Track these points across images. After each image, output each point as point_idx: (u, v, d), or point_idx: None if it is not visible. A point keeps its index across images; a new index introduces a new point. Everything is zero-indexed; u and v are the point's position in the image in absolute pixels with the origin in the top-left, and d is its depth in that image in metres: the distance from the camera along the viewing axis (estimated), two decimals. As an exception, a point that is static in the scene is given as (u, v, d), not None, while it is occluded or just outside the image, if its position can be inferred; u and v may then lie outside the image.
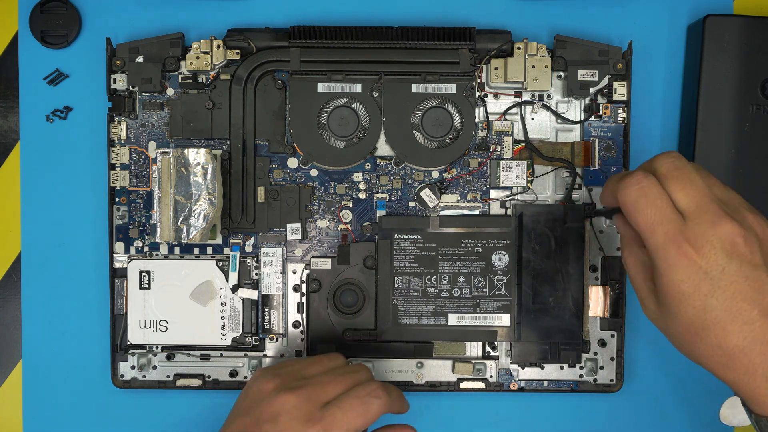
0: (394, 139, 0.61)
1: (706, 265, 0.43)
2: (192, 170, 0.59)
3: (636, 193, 0.45)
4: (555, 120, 0.62)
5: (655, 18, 0.64)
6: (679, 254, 0.43)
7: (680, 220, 0.44)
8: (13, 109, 0.64)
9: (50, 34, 0.63)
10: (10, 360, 0.64)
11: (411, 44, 0.60)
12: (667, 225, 0.44)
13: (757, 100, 0.60)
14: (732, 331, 0.43)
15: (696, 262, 0.43)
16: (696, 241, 0.43)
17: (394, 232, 0.61)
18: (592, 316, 0.62)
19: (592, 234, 0.62)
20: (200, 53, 0.60)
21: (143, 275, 0.61)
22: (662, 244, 0.44)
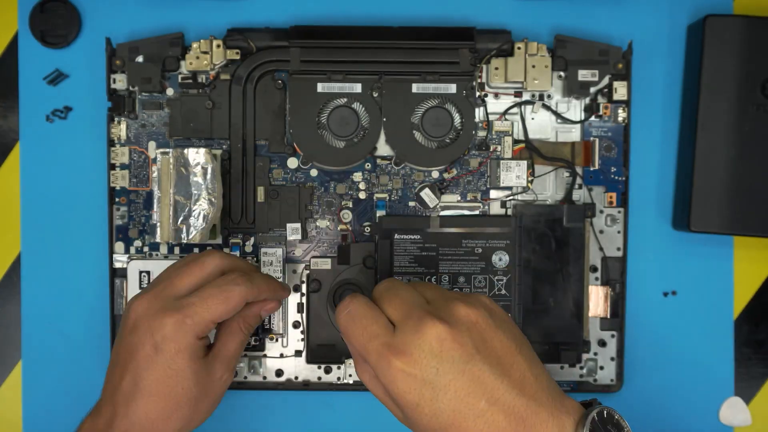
0: (394, 139, 0.61)
1: (420, 372, 0.43)
2: (192, 170, 0.59)
3: (345, 318, 0.47)
4: (555, 120, 0.62)
5: (655, 18, 0.64)
6: (392, 368, 0.43)
7: (388, 334, 0.44)
8: (13, 109, 0.64)
9: (50, 34, 0.63)
10: (10, 360, 0.64)
11: (411, 44, 0.60)
12: (375, 341, 0.44)
13: (757, 100, 0.60)
14: (468, 428, 0.43)
15: (410, 372, 0.43)
16: (405, 349, 0.43)
17: (394, 232, 0.61)
18: (592, 316, 0.62)
19: (592, 234, 0.62)
20: (200, 53, 0.60)
21: (143, 275, 0.61)
22: (376, 361, 0.44)
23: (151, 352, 0.49)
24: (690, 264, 0.64)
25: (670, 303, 0.64)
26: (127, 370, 0.50)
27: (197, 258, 0.53)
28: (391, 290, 0.48)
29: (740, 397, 0.64)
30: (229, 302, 0.50)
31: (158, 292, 0.51)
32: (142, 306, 0.51)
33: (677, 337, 0.64)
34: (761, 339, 0.64)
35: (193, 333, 0.50)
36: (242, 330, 0.54)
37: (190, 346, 0.50)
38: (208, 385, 0.51)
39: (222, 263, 0.53)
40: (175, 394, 0.50)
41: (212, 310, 0.50)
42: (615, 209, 0.62)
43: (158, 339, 0.49)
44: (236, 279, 0.51)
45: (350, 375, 0.62)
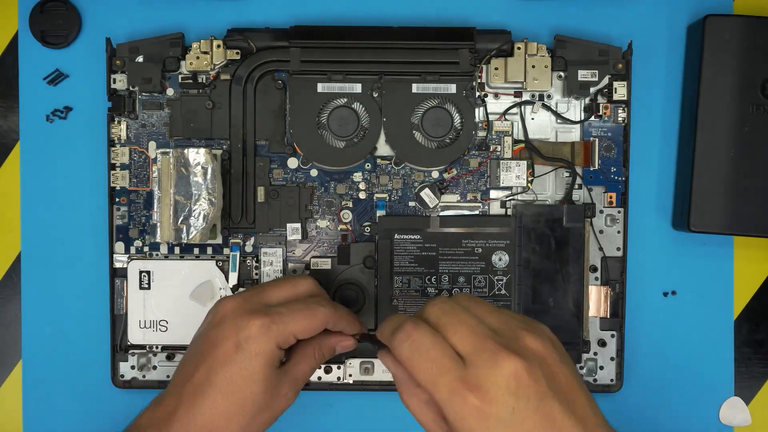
0: (394, 139, 0.61)
1: (496, 410, 0.41)
2: (192, 170, 0.59)
3: (409, 349, 0.43)
4: (555, 120, 0.62)
5: (655, 18, 0.64)
6: (466, 405, 0.41)
7: (460, 367, 0.42)
8: (13, 109, 0.64)
9: (50, 34, 0.63)
10: (10, 360, 0.64)
11: (411, 44, 0.60)
12: (446, 376, 0.42)
13: (757, 100, 0.60)
14: None
15: (484, 410, 0.41)
16: (480, 387, 0.41)
17: (394, 232, 0.61)
18: (592, 316, 0.62)
19: (591, 234, 0.62)
20: (200, 53, 0.60)
21: (143, 275, 0.61)
22: (447, 398, 0.41)
23: (232, 349, 0.50)
24: (690, 264, 0.64)
25: (670, 303, 0.64)
26: (203, 362, 0.50)
27: (293, 277, 0.55)
28: (452, 316, 0.44)
29: (740, 397, 0.64)
30: (313, 319, 0.52)
31: (250, 296, 0.52)
32: (232, 304, 0.52)
33: (677, 337, 0.64)
34: (761, 339, 0.64)
35: (275, 340, 0.50)
36: (315, 356, 0.54)
37: (270, 352, 0.50)
38: (273, 398, 0.52)
39: (313, 288, 0.55)
40: (243, 396, 0.50)
41: (297, 323, 0.51)
42: (615, 209, 0.62)
43: (242, 338, 0.50)
44: (322, 301, 0.53)
45: (350, 375, 0.62)
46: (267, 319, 0.50)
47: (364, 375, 0.61)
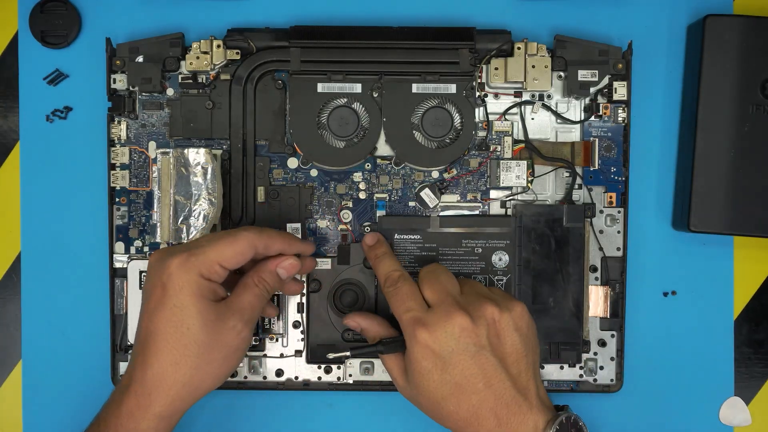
0: (394, 139, 0.61)
1: (439, 347, 0.51)
2: (192, 170, 0.59)
3: (390, 291, 0.55)
4: (555, 120, 0.62)
5: (655, 18, 0.64)
6: (417, 338, 0.52)
7: (422, 310, 0.53)
8: (13, 109, 0.64)
9: (50, 34, 0.63)
10: (10, 360, 0.64)
11: (411, 44, 0.60)
12: (409, 314, 0.53)
13: (757, 100, 0.60)
14: (463, 400, 0.51)
15: (429, 345, 0.51)
16: (432, 327, 0.52)
17: (394, 232, 0.61)
18: (592, 316, 0.62)
19: (591, 234, 0.62)
20: (200, 53, 0.60)
21: (143, 275, 0.61)
22: (407, 326, 0.53)
23: (160, 293, 0.51)
24: (690, 264, 0.64)
25: (670, 303, 0.64)
26: (142, 319, 0.52)
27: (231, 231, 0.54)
28: (433, 274, 0.55)
29: (740, 397, 0.64)
30: (235, 243, 0.52)
31: (176, 245, 0.54)
32: (158, 253, 0.53)
33: (677, 337, 0.64)
34: (761, 339, 0.64)
35: (196, 270, 0.51)
36: (256, 284, 0.54)
37: (194, 283, 0.50)
38: (219, 333, 0.51)
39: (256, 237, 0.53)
40: (181, 334, 0.50)
41: (217, 250, 0.51)
42: (615, 209, 0.62)
43: (165, 278, 0.51)
44: (246, 227, 0.54)
45: (350, 375, 0.61)
46: (186, 253, 0.51)
47: (364, 375, 0.61)
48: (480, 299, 0.53)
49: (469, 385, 0.51)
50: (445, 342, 0.51)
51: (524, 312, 0.54)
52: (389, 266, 0.57)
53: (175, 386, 0.51)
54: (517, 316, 0.53)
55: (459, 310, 0.52)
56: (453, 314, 0.52)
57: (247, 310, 0.53)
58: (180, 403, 0.52)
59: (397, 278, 0.55)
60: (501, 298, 0.54)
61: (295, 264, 0.55)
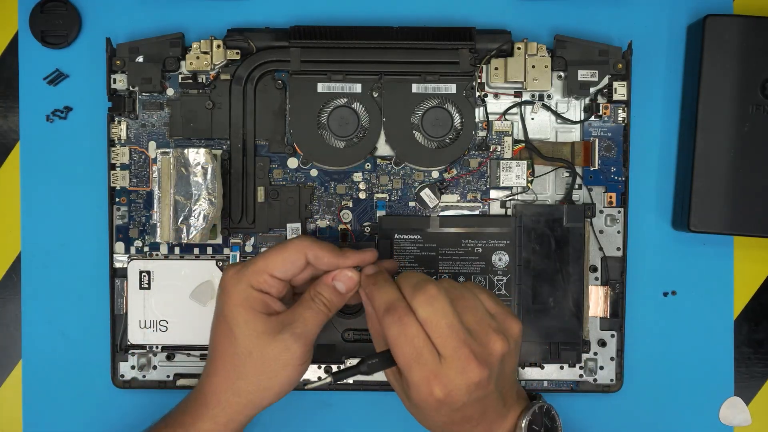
0: (394, 139, 0.61)
1: (451, 401, 0.48)
2: (192, 170, 0.59)
3: (396, 331, 0.48)
4: (555, 120, 0.62)
5: (655, 18, 0.64)
6: (431, 395, 0.48)
7: (435, 361, 0.48)
8: (13, 109, 0.64)
9: (50, 34, 0.63)
10: (10, 360, 0.64)
11: (411, 44, 0.60)
12: (423, 367, 0.48)
13: (757, 100, 0.60)
14: (458, 426, 0.51)
15: (443, 401, 0.48)
16: (448, 386, 0.48)
17: (394, 232, 0.61)
18: (592, 316, 0.62)
19: (591, 234, 0.62)
20: (200, 53, 0.60)
21: (143, 275, 0.61)
22: (416, 382, 0.48)
23: (218, 305, 0.52)
24: (690, 264, 0.64)
25: (670, 303, 0.64)
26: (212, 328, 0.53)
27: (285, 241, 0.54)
28: (437, 310, 0.48)
29: (740, 397, 0.64)
30: (284, 255, 0.51)
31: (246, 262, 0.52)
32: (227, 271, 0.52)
33: (677, 337, 0.64)
34: (761, 339, 0.64)
35: (246, 280, 0.50)
36: (312, 299, 0.52)
37: (243, 293, 0.50)
38: (268, 346, 0.50)
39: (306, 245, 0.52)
40: (230, 344, 0.50)
41: (268, 260, 0.51)
42: (615, 209, 0.62)
43: (220, 290, 0.52)
44: (300, 238, 0.53)
45: (350, 375, 0.62)
46: (239, 265, 0.52)
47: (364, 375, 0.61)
48: (488, 334, 0.49)
49: (469, 418, 0.51)
50: (458, 397, 0.48)
51: (521, 331, 0.52)
52: (392, 294, 0.50)
53: (227, 396, 0.51)
54: (518, 339, 0.51)
55: (475, 364, 0.48)
56: (469, 370, 0.48)
57: (299, 324, 0.51)
58: (235, 414, 0.51)
59: (403, 312, 0.49)
60: (502, 321, 0.51)
61: (353, 277, 0.52)
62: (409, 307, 0.49)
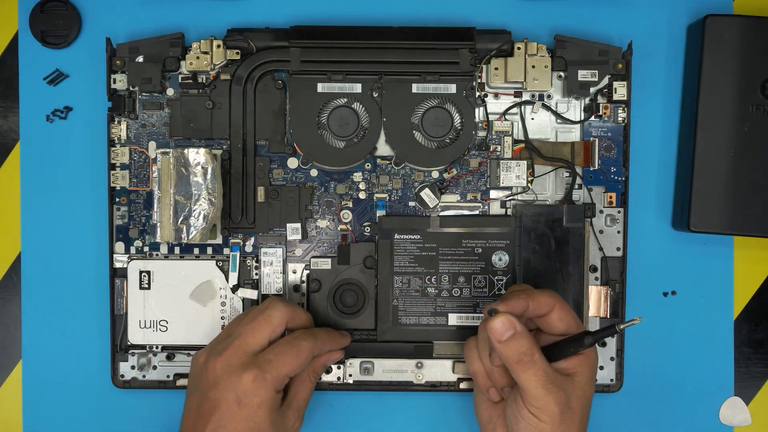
0: (394, 139, 0.61)
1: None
2: (192, 170, 0.59)
3: (531, 370, 0.51)
4: (555, 120, 0.62)
5: (655, 18, 0.64)
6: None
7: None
8: (13, 109, 0.64)
9: (50, 34, 0.63)
10: (10, 360, 0.64)
11: (411, 44, 0.60)
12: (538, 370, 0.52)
13: (757, 100, 0.60)
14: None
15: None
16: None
17: (394, 232, 0.61)
18: (592, 316, 0.62)
19: (591, 234, 0.62)
20: (200, 53, 0.60)
21: (143, 275, 0.61)
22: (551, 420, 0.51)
23: (234, 406, 0.53)
24: (690, 264, 0.64)
25: (670, 303, 0.64)
26: (209, 422, 0.53)
27: (263, 311, 0.56)
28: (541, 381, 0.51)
29: (740, 397, 0.64)
30: (300, 357, 0.55)
31: (235, 349, 0.54)
32: (221, 364, 0.54)
33: (677, 337, 0.64)
34: (761, 339, 0.64)
35: (272, 387, 0.53)
36: (311, 380, 0.58)
37: (270, 400, 0.53)
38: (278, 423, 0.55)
39: (286, 314, 0.56)
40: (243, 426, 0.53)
41: (287, 365, 0.54)
42: (615, 209, 0.62)
43: (240, 394, 0.53)
44: (302, 335, 0.56)
45: (350, 375, 0.62)
46: (258, 370, 0.53)
47: (364, 375, 0.61)
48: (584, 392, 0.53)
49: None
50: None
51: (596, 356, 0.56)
52: (527, 344, 0.52)
53: None
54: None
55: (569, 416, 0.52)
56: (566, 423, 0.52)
57: (303, 406, 0.58)
58: None
59: (537, 357, 0.52)
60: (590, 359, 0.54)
61: (341, 355, 0.60)
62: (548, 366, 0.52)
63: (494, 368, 0.54)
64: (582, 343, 0.52)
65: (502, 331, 0.51)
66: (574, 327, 0.54)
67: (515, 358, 0.51)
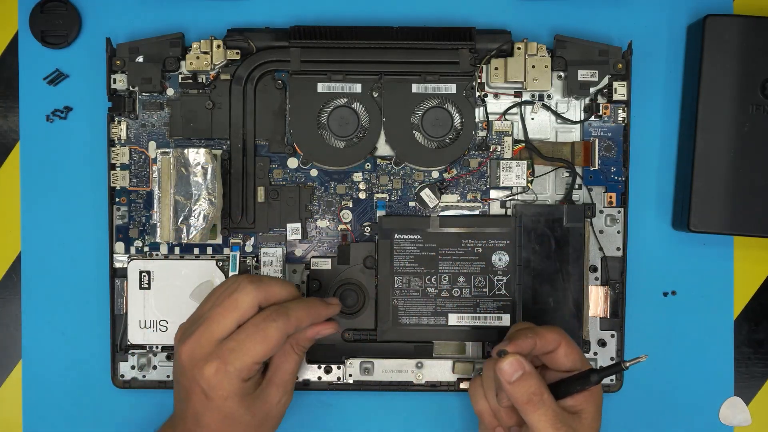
0: (394, 139, 0.61)
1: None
2: (192, 170, 0.59)
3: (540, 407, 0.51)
4: (555, 120, 0.62)
5: (655, 18, 0.64)
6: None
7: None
8: (13, 109, 0.64)
9: (50, 34, 0.63)
10: (10, 360, 0.64)
11: (411, 44, 0.60)
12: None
13: (757, 100, 0.60)
14: None
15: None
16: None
17: (394, 232, 0.61)
18: (592, 316, 0.62)
19: (591, 234, 0.62)
20: (200, 53, 0.60)
21: (143, 275, 0.61)
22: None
23: (203, 397, 0.51)
24: (690, 264, 0.64)
25: (670, 303, 0.64)
26: (188, 406, 0.52)
27: (230, 295, 0.52)
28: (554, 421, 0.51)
29: (740, 397, 0.64)
30: (267, 342, 0.51)
31: (198, 337, 0.52)
32: (186, 352, 0.52)
33: (677, 337, 0.64)
34: (761, 339, 0.64)
35: (237, 378, 0.51)
36: (295, 352, 0.54)
37: (238, 390, 0.51)
38: (268, 412, 0.53)
39: (257, 297, 0.52)
40: (236, 429, 0.52)
41: (251, 353, 0.51)
42: (615, 209, 0.62)
43: (205, 387, 0.51)
44: (272, 315, 0.51)
45: (350, 375, 0.61)
46: (220, 362, 0.50)
47: (364, 375, 0.61)
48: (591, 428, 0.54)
49: None
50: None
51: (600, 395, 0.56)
52: (536, 384, 0.52)
53: None
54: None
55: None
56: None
57: (288, 380, 0.54)
58: None
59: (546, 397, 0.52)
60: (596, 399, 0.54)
61: (334, 327, 0.55)
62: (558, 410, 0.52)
63: (501, 408, 0.54)
64: (588, 380, 0.52)
65: (511, 372, 0.51)
66: (579, 363, 0.53)
67: (525, 398, 0.51)
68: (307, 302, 0.54)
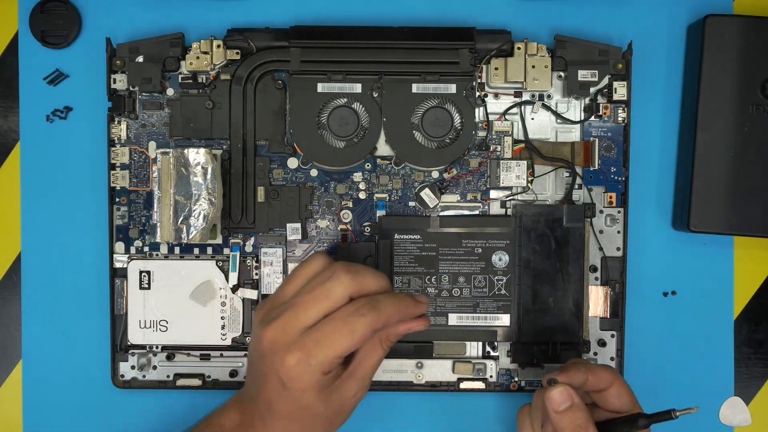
0: (394, 139, 0.61)
1: None
2: (192, 170, 0.59)
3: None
4: (555, 120, 0.62)
5: (655, 18, 0.64)
6: None
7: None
8: (13, 109, 0.64)
9: (50, 34, 0.63)
10: (10, 360, 0.64)
11: (411, 44, 0.60)
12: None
13: (757, 100, 0.60)
14: None
15: None
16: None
17: (394, 232, 0.61)
18: (592, 316, 0.62)
19: (591, 234, 0.62)
20: (200, 53, 0.60)
21: (143, 275, 0.61)
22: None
23: (279, 386, 0.49)
24: (690, 264, 0.64)
25: (670, 303, 0.64)
26: (261, 392, 0.51)
27: (322, 283, 0.50)
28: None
29: (740, 397, 0.64)
30: (354, 336, 0.48)
31: (283, 323, 0.49)
32: (269, 337, 0.49)
33: (677, 337, 0.64)
34: (761, 339, 0.64)
35: (318, 371, 0.49)
36: (382, 347, 0.51)
37: (317, 383, 0.49)
38: (342, 405, 0.51)
39: (350, 288, 0.50)
40: (308, 420, 0.50)
41: (336, 347, 0.48)
42: (615, 209, 0.62)
43: (283, 377, 0.49)
44: (361, 309, 0.49)
45: (350, 375, 0.61)
46: (302, 354, 0.48)
47: None
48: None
49: None
50: None
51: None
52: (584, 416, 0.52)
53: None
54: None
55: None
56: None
57: (368, 376, 0.51)
58: None
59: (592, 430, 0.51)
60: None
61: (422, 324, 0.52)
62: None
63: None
64: (636, 423, 0.52)
65: (560, 402, 0.50)
66: (629, 405, 0.53)
67: (570, 429, 0.50)
68: (398, 298, 0.51)
